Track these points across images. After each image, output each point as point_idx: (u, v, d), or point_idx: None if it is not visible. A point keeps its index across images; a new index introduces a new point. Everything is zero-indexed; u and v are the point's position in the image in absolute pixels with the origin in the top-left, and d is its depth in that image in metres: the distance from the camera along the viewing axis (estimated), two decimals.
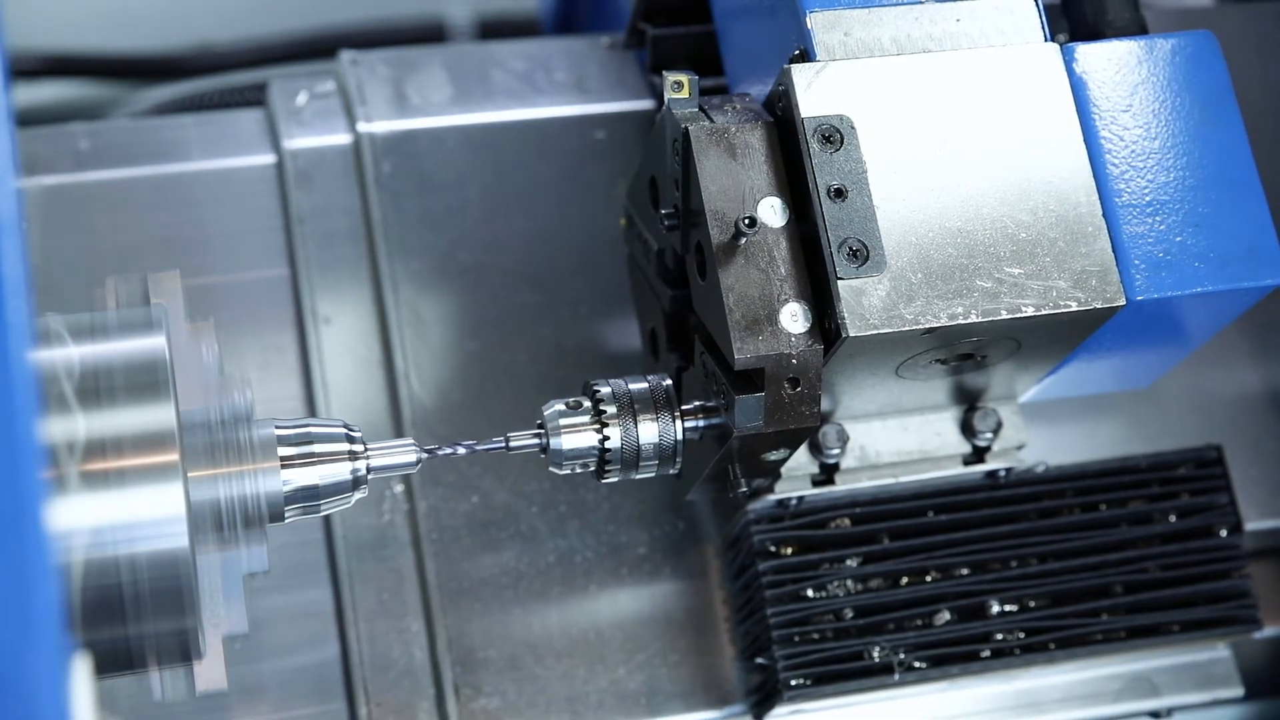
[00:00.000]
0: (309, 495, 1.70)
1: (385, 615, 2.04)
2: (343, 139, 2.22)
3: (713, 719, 2.07)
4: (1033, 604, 2.02)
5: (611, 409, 1.80)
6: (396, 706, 2.01)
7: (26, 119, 2.34)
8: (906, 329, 1.67)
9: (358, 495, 1.74)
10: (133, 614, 1.51)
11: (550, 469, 1.83)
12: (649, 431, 1.80)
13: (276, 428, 1.70)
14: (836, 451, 1.93)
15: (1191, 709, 2.15)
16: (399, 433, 2.09)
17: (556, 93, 2.30)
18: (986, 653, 2.00)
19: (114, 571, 1.49)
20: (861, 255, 1.68)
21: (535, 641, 2.05)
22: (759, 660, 1.99)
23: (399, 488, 2.08)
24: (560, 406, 1.81)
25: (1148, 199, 1.77)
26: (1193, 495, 2.09)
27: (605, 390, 1.81)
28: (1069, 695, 2.10)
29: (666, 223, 1.80)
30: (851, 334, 1.66)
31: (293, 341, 2.14)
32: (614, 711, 2.04)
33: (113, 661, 1.55)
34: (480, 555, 2.07)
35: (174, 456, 1.52)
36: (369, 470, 1.73)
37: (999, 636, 2.00)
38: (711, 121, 1.74)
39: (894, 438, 1.97)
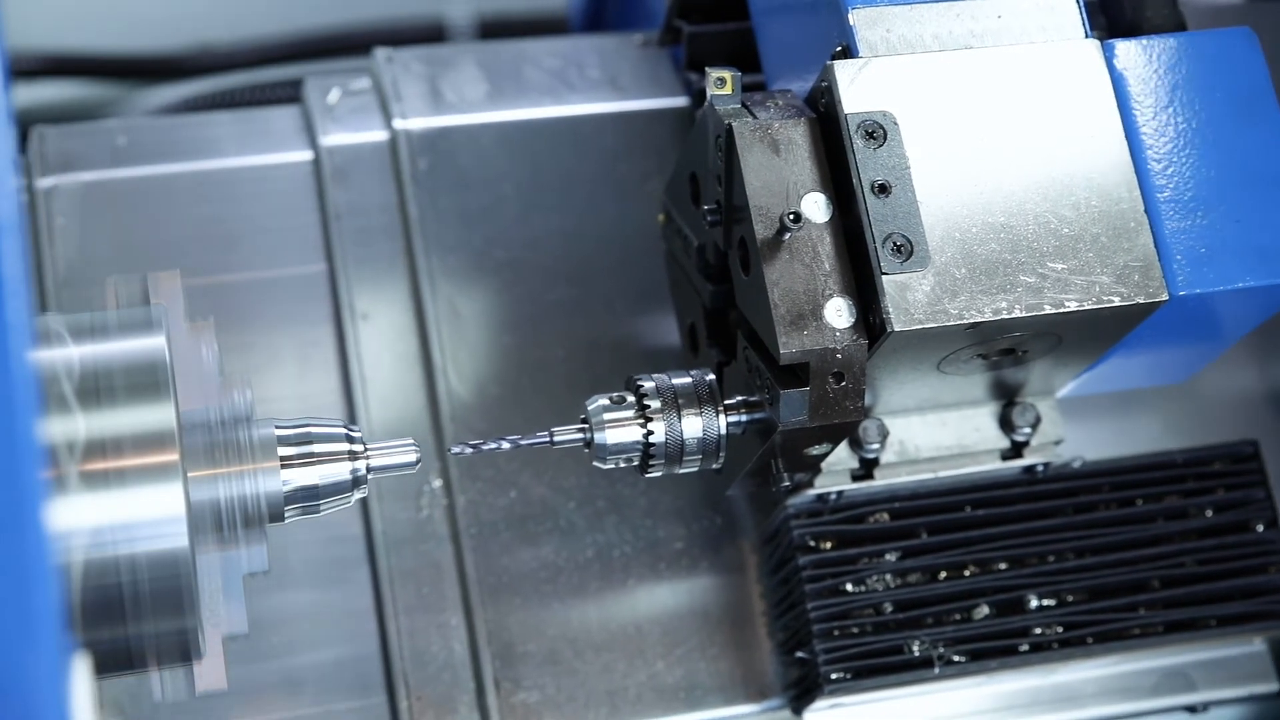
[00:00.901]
0: (309, 495, 1.69)
1: (425, 610, 2.04)
2: (379, 135, 2.23)
3: (751, 712, 2.07)
4: (1070, 598, 2.03)
5: (655, 404, 1.80)
6: (436, 700, 2.02)
7: (27, 119, 2.35)
8: (951, 324, 1.68)
9: (358, 495, 1.73)
10: (133, 614, 1.50)
11: (594, 463, 1.83)
12: (693, 426, 1.80)
13: (276, 428, 1.69)
14: (876, 446, 1.94)
15: (1227, 704, 2.15)
16: (437, 427, 2.10)
17: (590, 90, 2.31)
18: (1025, 647, 2.00)
19: (114, 571, 1.49)
20: (905, 250, 1.69)
21: (574, 636, 2.06)
22: (799, 654, 1.99)
23: (437, 483, 2.09)
24: (604, 401, 1.81)
25: (1189, 195, 1.77)
26: (1228, 491, 2.10)
27: (649, 385, 1.81)
28: (1105, 689, 2.11)
29: (709, 218, 1.80)
30: (896, 329, 1.66)
31: (331, 337, 2.15)
32: (653, 705, 2.05)
33: (113, 661, 1.54)
34: (519, 550, 2.07)
35: (174, 456, 1.51)
36: (369, 470, 1.72)
37: (1037, 631, 2.01)
38: (754, 118, 1.75)
39: (933, 433, 1.98)
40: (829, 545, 2.00)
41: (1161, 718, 2.15)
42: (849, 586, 1.99)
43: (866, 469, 1.97)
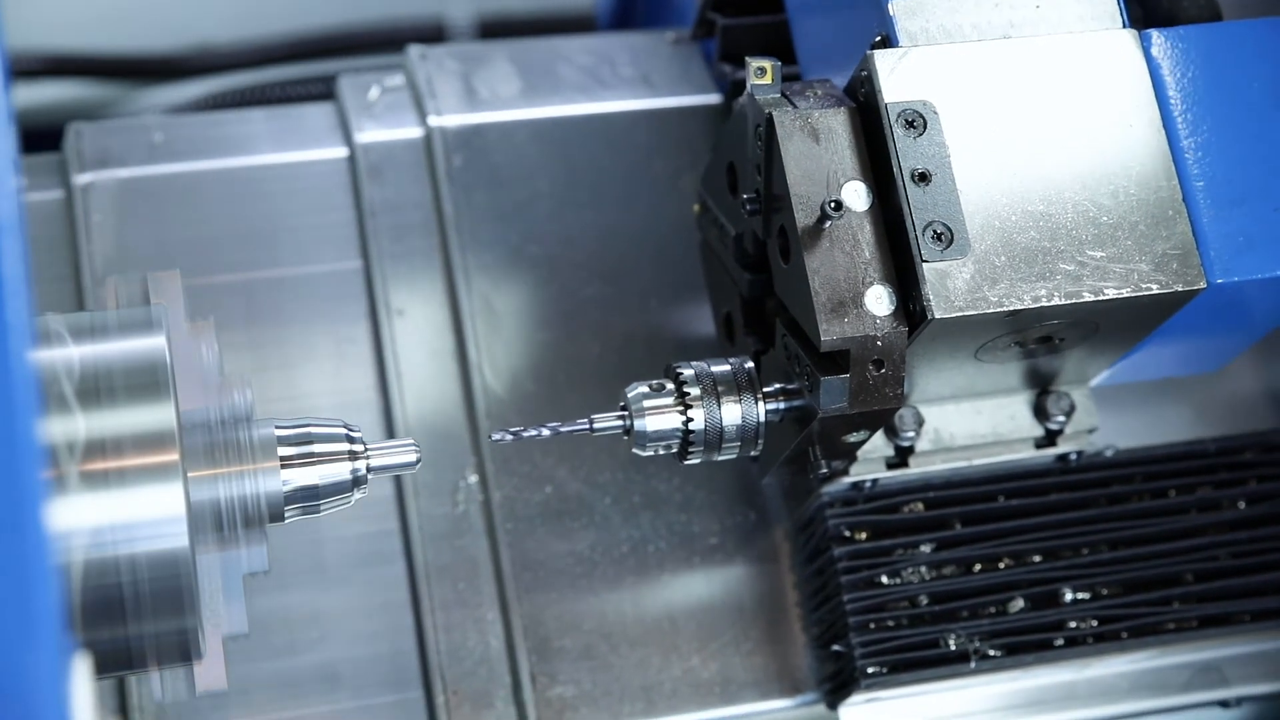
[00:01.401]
0: (309, 495, 1.69)
1: (461, 604, 2.05)
2: (414, 133, 2.24)
3: (786, 707, 2.07)
4: (1105, 591, 2.03)
5: (695, 391, 1.81)
6: (472, 695, 2.02)
7: (27, 119, 2.35)
8: (991, 311, 1.69)
9: (358, 495, 1.73)
10: (133, 614, 1.50)
11: (634, 450, 1.83)
12: (732, 413, 1.81)
13: (276, 428, 1.69)
14: (912, 434, 1.95)
15: (1260, 699, 2.15)
16: (473, 423, 2.10)
17: (623, 87, 2.32)
18: (1060, 641, 2.00)
19: (114, 571, 1.48)
20: (946, 238, 1.69)
21: (609, 630, 2.06)
22: (835, 648, 1.99)
23: (473, 478, 2.09)
24: (644, 389, 1.82)
25: (1227, 183, 1.77)
26: (1260, 482, 2.10)
27: (688, 372, 1.82)
28: (1139, 684, 2.10)
29: (748, 207, 1.81)
30: (937, 316, 1.67)
31: (366, 333, 2.15)
32: (688, 700, 2.05)
33: (113, 661, 1.54)
34: (554, 545, 2.08)
35: (174, 456, 1.51)
36: (369, 470, 1.72)
37: (1072, 625, 2.01)
38: (794, 107, 1.76)
39: (968, 421, 1.98)
40: (864, 536, 2.00)
41: (1194, 713, 2.14)
42: (884, 579, 1.99)
43: (901, 457, 1.97)
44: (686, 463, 1.84)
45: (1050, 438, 2.00)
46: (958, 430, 1.98)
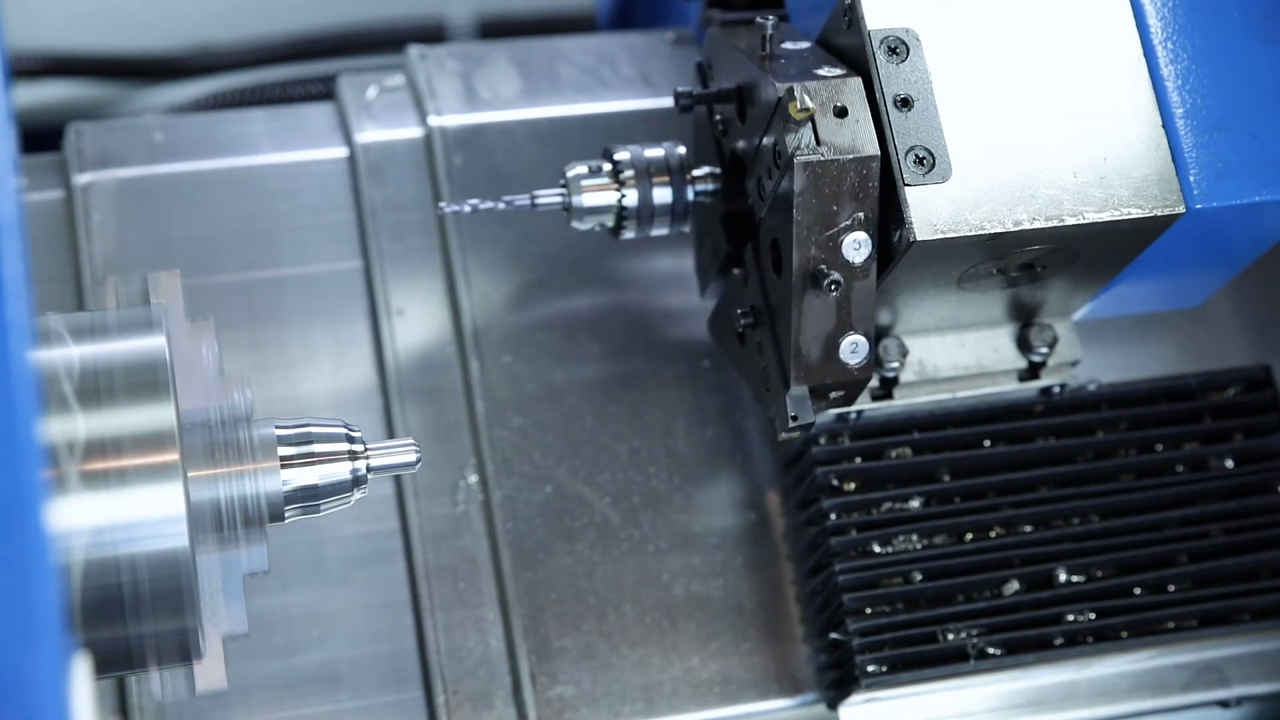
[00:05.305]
0: (309, 495, 1.69)
1: (461, 605, 2.05)
2: (414, 132, 2.24)
3: (786, 707, 2.08)
4: (1100, 574, 2.03)
5: (629, 172, 1.96)
6: (473, 695, 2.02)
7: (27, 119, 2.34)
8: (972, 234, 1.72)
9: (358, 495, 1.73)
10: (133, 614, 1.50)
11: (572, 224, 1.97)
12: (663, 193, 1.96)
13: (276, 427, 1.69)
14: (896, 365, 1.97)
15: (1261, 699, 2.15)
16: (473, 423, 2.11)
17: (623, 87, 2.32)
18: (1060, 640, 2.01)
19: (114, 571, 1.48)
20: (928, 163, 1.73)
21: (609, 630, 2.06)
22: (833, 635, 1.99)
23: (473, 478, 2.09)
24: (582, 169, 1.97)
25: (1207, 110, 1.81)
26: (1247, 436, 2.11)
27: (624, 155, 1.97)
28: (1139, 684, 2.10)
29: (761, 194, 1.82)
30: (919, 238, 1.71)
31: (366, 333, 2.16)
32: (688, 700, 2.05)
33: (113, 661, 1.54)
34: (554, 545, 2.08)
35: (174, 456, 1.51)
36: (369, 470, 1.71)
37: (1070, 618, 2.01)
38: (817, 142, 1.74)
39: (952, 353, 2.01)
40: (852, 486, 2.02)
41: (1194, 713, 2.15)
42: (876, 547, 2.00)
43: (886, 388, 2.00)
44: (621, 238, 1.95)
45: (1033, 370, 2.03)
46: (941, 362, 2.01)
